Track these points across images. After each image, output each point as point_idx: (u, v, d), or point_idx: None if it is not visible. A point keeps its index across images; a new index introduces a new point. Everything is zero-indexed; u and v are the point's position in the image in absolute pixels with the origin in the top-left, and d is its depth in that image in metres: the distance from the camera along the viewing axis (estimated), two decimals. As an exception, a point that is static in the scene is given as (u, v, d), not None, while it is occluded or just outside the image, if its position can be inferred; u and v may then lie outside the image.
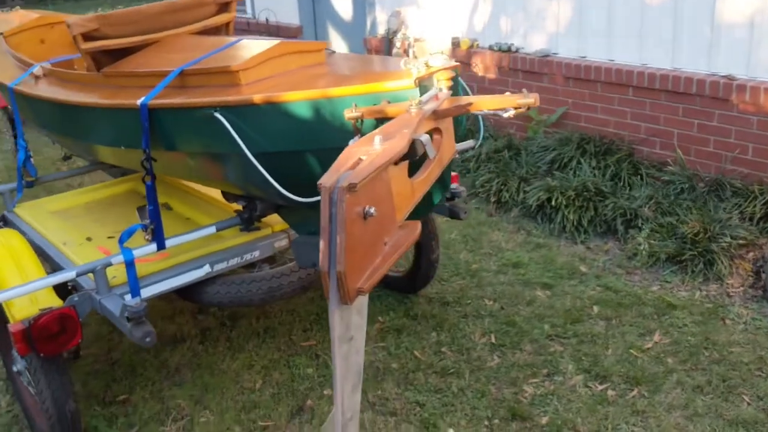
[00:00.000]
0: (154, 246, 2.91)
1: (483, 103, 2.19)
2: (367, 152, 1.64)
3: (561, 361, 3.53)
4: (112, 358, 3.77)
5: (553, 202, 4.95)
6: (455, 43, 6.56)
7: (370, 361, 3.61)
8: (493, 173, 5.53)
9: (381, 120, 2.11)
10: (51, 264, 3.24)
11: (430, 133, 2.17)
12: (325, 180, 1.50)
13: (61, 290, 2.97)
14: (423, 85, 2.26)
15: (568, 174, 5.22)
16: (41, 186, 4.54)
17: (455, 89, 2.42)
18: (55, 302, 2.81)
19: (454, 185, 3.43)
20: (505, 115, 2.18)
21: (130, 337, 2.65)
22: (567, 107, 5.75)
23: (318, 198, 1.77)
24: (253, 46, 2.78)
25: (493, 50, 6.26)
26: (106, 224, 3.53)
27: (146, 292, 2.90)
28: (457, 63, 2.46)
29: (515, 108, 2.16)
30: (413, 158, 1.87)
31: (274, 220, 3.26)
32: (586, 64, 5.50)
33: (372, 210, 1.52)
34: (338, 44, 8.39)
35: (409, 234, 1.75)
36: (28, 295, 2.72)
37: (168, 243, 2.94)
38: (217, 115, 2.52)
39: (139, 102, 2.73)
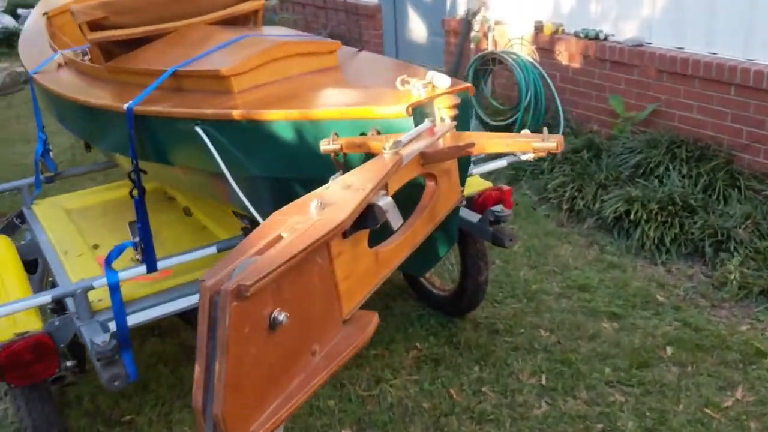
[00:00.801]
0: (143, 268, 2.58)
1: (491, 144, 1.68)
2: (292, 226, 1.21)
3: (620, 416, 3.01)
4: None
5: (632, 215, 4.35)
6: (538, 28, 5.96)
7: (399, 397, 3.20)
8: (568, 176, 4.96)
9: (369, 155, 1.68)
10: (50, 275, 2.98)
11: (422, 180, 1.68)
12: (210, 275, 1.08)
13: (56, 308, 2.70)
14: (421, 112, 1.79)
15: (653, 182, 4.60)
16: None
17: (462, 120, 1.91)
18: (36, 326, 2.53)
19: (499, 207, 2.94)
20: (524, 157, 1.68)
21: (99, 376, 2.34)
22: (658, 104, 5.09)
23: None
24: (254, 46, 2.38)
25: (579, 37, 5.63)
26: (119, 229, 3.24)
27: (135, 319, 2.58)
28: (469, 85, 1.94)
29: (534, 152, 1.66)
30: (371, 227, 1.42)
31: None
32: (683, 57, 4.83)
33: (282, 317, 1.09)
34: (416, 24, 7.91)
35: (363, 329, 1.31)
36: (6, 316, 2.45)
37: (160, 265, 2.60)
38: (198, 129, 2.14)
39: (125, 106, 2.39)
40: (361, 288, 1.36)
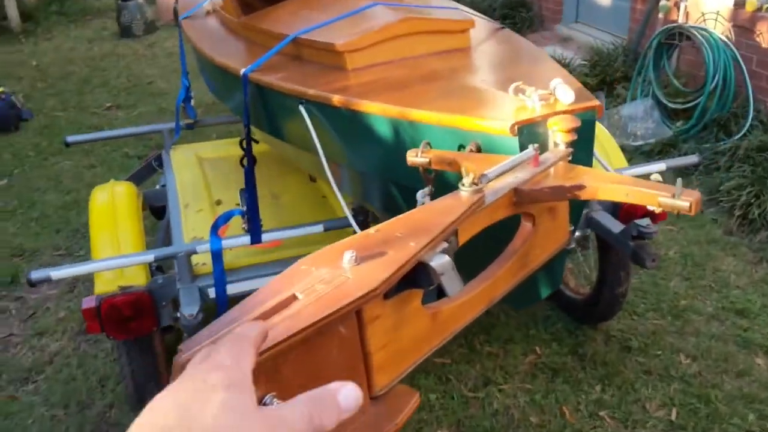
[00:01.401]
0: (247, 238, 2.47)
1: (606, 190, 1.30)
2: (313, 285, 0.98)
3: (757, 476, 2.60)
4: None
5: (817, 235, 3.75)
6: (738, 3, 5.24)
7: (506, 405, 2.96)
8: (746, 178, 4.36)
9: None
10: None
11: (516, 219, 1.33)
12: (189, 345, 0.89)
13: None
14: (531, 131, 1.48)
15: None
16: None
17: (582, 149, 1.52)
18: (141, 280, 2.51)
19: (645, 222, 2.55)
20: (656, 210, 1.31)
21: None
22: None
23: None
24: (377, 18, 2.14)
25: (787, 17, 4.89)
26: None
27: (236, 288, 2.50)
28: (597, 104, 1.56)
29: (659, 208, 1.27)
30: (423, 288, 1.12)
31: None
32: None
33: (274, 403, 0.87)
34: (603, -14, 7.29)
35: (393, 414, 1.06)
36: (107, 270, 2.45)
37: (265, 237, 2.48)
38: (302, 108, 1.96)
39: (242, 71, 2.25)
40: (406, 358, 1.11)
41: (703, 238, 4.11)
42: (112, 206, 2.70)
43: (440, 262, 1.06)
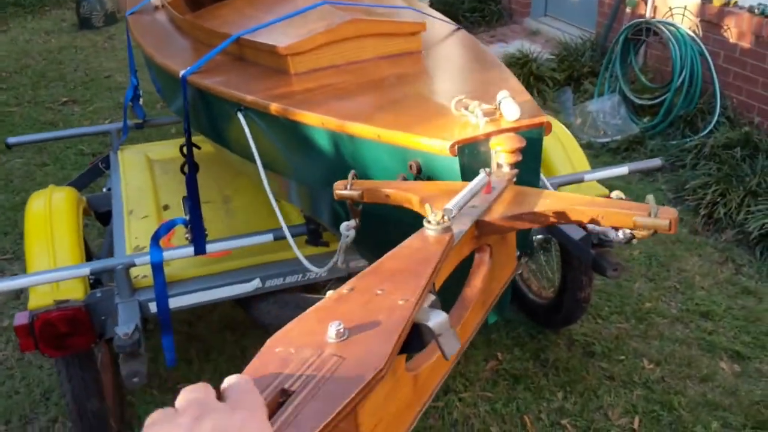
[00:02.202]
0: (191, 249, 2.35)
1: (574, 212, 1.20)
2: (303, 371, 0.79)
3: (720, 487, 2.54)
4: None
5: (782, 235, 3.71)
6: (705, -2, 5.20)
7: (466, 415, 2.87)
8: (712, 176, 4.32)
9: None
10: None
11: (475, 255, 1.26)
12: None
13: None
14: (473, 151, 1.36)
15: (816, 198, 3.90)
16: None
17: (528, 170, 1.41)
18: (79, 294, 2.38)
19: (607, 229, 2.45)
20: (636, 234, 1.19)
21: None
22: (838, 104, 4.30)
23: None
24: (323, 19, 2.02)
25: (753, 13, 4.85)
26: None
27: (180, 302, 2.38)
28: (545, 120, 1.43)
29: (634, 229, 1.17)
30: (412, 353, 0.99)
31: None
32: None
33: None
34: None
35: None
36: (39, 285, 2.31)
37: (209, 248, 2.36)
38: (240, 115, 1.84)
39: (181, 73, 2.12)
40: (401, 422, 0.97)
41: (668, 236, 4.05)
42: (49, 214, 2.55)
43: (438, 320, 0.92)
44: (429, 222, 1.06)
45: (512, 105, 1.35)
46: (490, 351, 3.21)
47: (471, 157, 1.37)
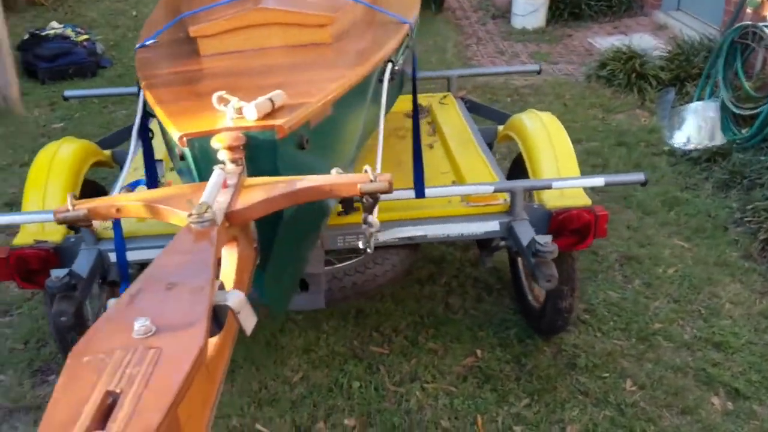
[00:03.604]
0: None
1: (302, 191, 1.24)
2: (124, 370, 0.85)
3: None
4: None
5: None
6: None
7: (422, 405, 2.90)
8: (784, 199, 3.96)
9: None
10: None
11: None
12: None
13: None
14: (204, 145, 1.39)
15: None
16: None
17: (267, 166, 1.43)
18: (57, 237, 2.64)
19: (545, 240, 2.37)
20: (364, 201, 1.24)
21: None
22: None
23: None
24: (239, 6, 2.10)
25: None
26: None
27: (136, 256, 2.57)
28: (278, 124, 1.43)
29: (361, 195, 1.22)
30: (214, 333, 1.06)
31: None
32: None
33: None
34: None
35: None
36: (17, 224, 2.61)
37: None
38: (141, 93, 1.98)
39: (137, 45, 2.31)
40: (203, 411, 1.05)
41: (714, 259, 3.78)
42: (50, 162, 2.83)
43: (236, 299, 1.02)
44: (192, 215, 1.16)
45: (252, 108, 1.39)
46: (473, 347, 3.20)
47: (201, 151, 1.42)
